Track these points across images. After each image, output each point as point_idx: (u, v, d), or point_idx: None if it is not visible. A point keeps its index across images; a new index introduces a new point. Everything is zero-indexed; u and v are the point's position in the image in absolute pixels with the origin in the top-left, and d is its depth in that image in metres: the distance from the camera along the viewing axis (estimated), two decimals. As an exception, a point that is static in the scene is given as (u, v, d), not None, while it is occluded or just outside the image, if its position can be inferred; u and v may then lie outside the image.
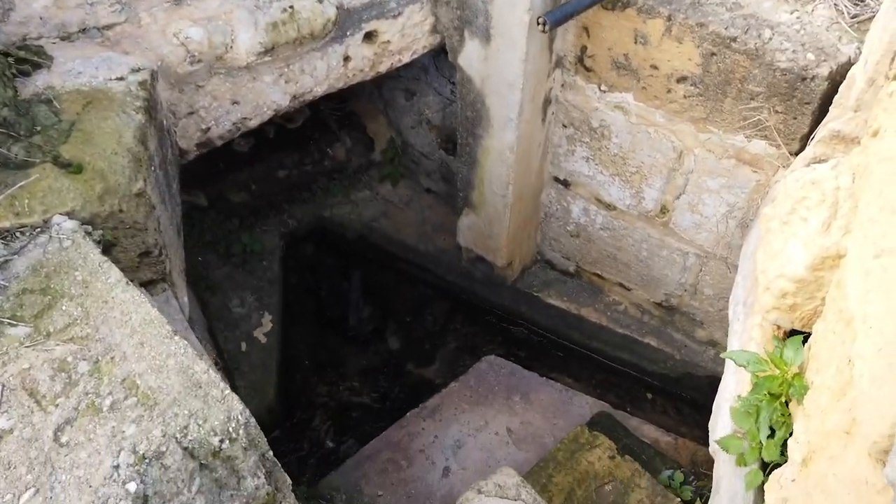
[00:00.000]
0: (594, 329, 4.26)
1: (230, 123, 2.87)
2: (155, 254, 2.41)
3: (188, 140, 2.80)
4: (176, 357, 1.84)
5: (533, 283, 4.40)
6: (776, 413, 2.21)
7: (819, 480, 1.81)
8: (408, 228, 4.70)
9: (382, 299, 4.66)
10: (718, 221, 3.46)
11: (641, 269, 4.02)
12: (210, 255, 4.39)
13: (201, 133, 2.81)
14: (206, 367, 1.84)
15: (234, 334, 4.12)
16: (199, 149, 2.87)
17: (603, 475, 3.14)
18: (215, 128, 2.83)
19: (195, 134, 2.80)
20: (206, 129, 2.82)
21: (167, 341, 1.87)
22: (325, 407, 4.21)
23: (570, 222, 4.10)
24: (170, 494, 1.65)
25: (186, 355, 1.85)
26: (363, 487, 3.58)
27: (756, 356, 2.29)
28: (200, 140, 2.83)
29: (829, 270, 2.37)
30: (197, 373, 1.82)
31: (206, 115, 2.78)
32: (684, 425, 4.19)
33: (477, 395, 3.95)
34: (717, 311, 3.91)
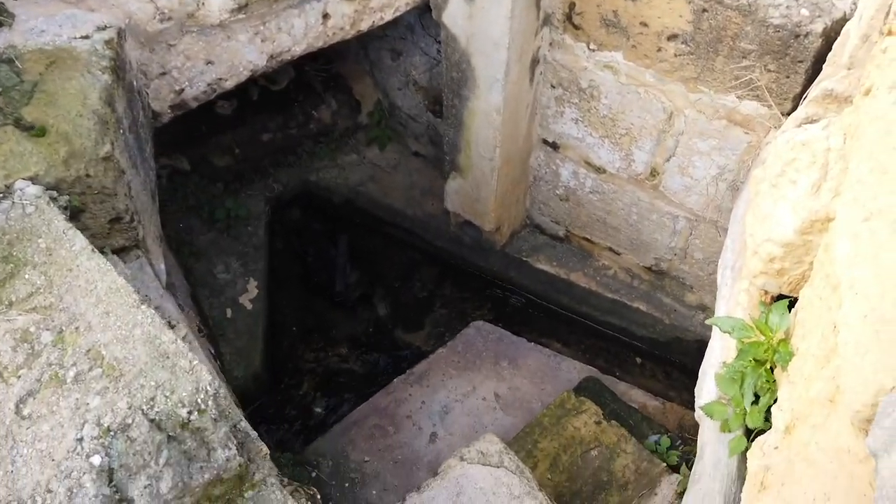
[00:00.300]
0: (583, 294, 4.21)
1: (205, 85, 2.77)
2: (126, 220, 2.35)
3: (161, 102, 2.71)
4: (142, 327, 1.78)
5: (522, 247, 4.35)
6: (761, 379, 2.17)
7: (801, 449, 1.78)
8: (395, 193, 4.62)
9: (370, 265, 4.60)
10: (709, 184, 3.39)
11: (631, 233, 3.97)
12: (194, 220, 4.32)
13: (175, 95, 2.72)
14: (173, 338, 1.78)
15: (220, 300, 4.07)
16: (173, 111, 2.78)
17: (589, 441, 3.13)
18: (189, 89, 2.74)
19: (168, 96, 2.71)
20: (180, 90, 2.73)
21: (133, 311, 1.81)
22: (313, 373, 4.18)
23: (560, 186, 4.03)
24: (136, 467, 1.61)
25: (154, 325, 1.79)
26: (350, 453, 3.57)
27: (741, 322, 2.24)
28: (174, 102, 2.74)
29: (817, 234, 2.31)
30: (164, 343, 1.77)
31: (179, 75, 2.68)
32: (673, 389, 4.18)
33: (464, 360, 3.92)
34: (707, 276, 3.87)
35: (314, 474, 3.49)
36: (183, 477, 1.66)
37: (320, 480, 3.48)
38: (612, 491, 3.00)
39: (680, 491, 2.98)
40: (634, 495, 2.98)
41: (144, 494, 1.60)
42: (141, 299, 1.84)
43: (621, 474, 3.04)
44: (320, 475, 3.50)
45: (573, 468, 3.05)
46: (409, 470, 3.52)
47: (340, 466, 3.53)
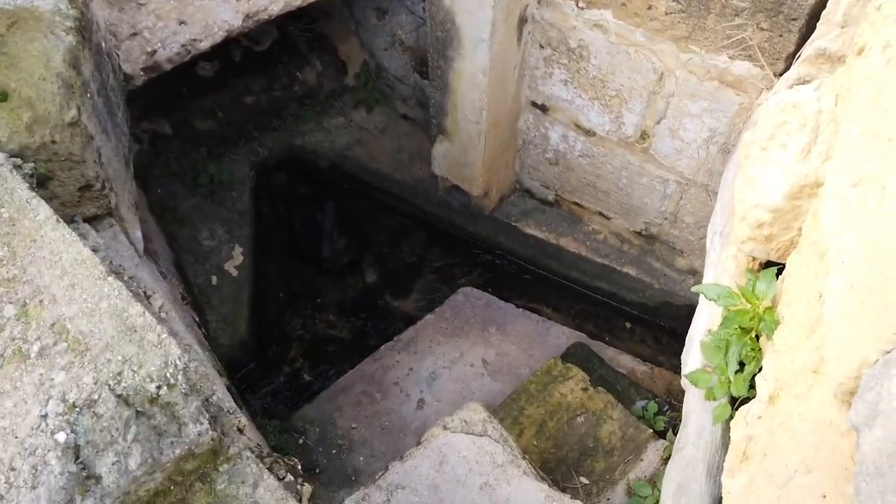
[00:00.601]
0: (573, 259, 4.17)
1: (178, 46, 2.68)
2: (97, 188, 2.28)
3: (133, 64, 2.61)
4: (109, 300, 1.73)
5: (511, 212, 4.28)
6: (746, 348, 2.13)
7: (784, 419, 1.75)
8: (383, 157, 4.54)
9: (358, 230, 4.54)
10: (699, 147, 3.32)
11: (621, 197, 3.90)
12: (177, 185, 4.24)
13: (147, 56, 2.63)
14: (141, 311, 1.73)
15: (204, 267, 4.02)
16: (146, 74, 2.69)
17: (575, 407, 3.11)
18: (162, 50, 2.65)
19: (140, 57, 2.61)
20: (153, 51, 2.63)
21: (100, 283, 1.76)
22: (301, 340, 4.15)
23: (549, 149, 3.95)
24: (103, 444, 1.57)
25: (121, 297, 1.74)
26: (337, 420, 3.56)
27: (727, 290, 2.20)
28: (147, 64, 2.65)
29: (807, 199, 2.26)
30: (132, 316, 1.72)
31: (150, 36, 2.59)
32: (662, 354, 4.17)
33: (452, 326, 3.89)
34: (698, 240, 3.82)
35: (301, 441, 3.49)
36: (153, 453, 1.62)
37: (307, 447, 3.47)
38: (597, 457, 2.99)
39: (666, 457, 2.97)
40: (620, 461, 2.97)
41: (113, 471, 1.57)
42: (108, 271, 1.79)
43: (607, 440, 3.02)
44: (307, 442, 3.49)
45: (559, 435, 3.04)
46: (397, 436, 3.51)
47: (327, 433, 3.52)
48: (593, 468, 2.95)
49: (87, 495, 1.54)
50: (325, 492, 3.35)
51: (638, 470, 2.93)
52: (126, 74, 2.63)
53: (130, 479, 1.59)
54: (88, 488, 1.55)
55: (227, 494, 1.79)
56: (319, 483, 3.37)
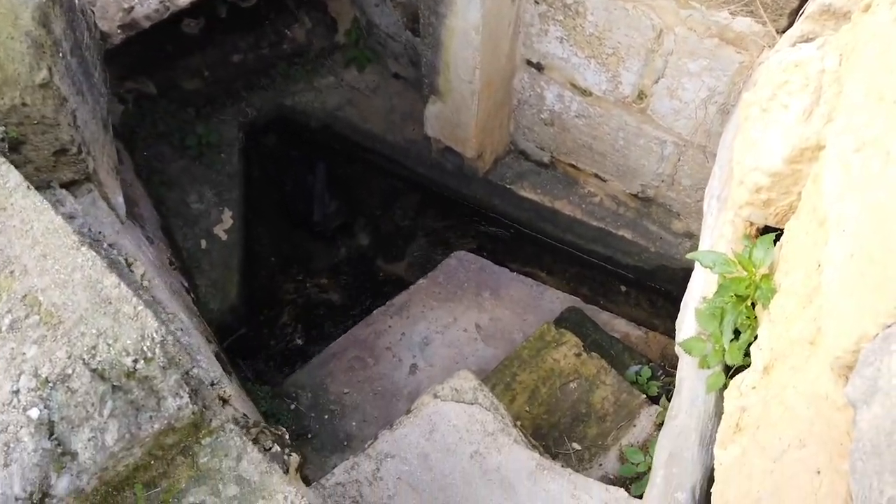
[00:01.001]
0: (568, 222, 4.10)
1: (157, 2, 2.57)
2: (73, 152, 2.20)
3: (109, 22, 2.51)
4: (83, 270, 1.67)
5: (506, 174, 4.20)
6: (741, 316, 2.09)
7: (779, 391, 1.71)
8: (375, 117, 4.44)
9: (349, 193, 4.46)
10: (698, 107, 3.23)
11: (618, 158, 3.82)
12: (164, 147, 4.15)
13: (124, 13, 2.52)
14: (116, 282, 1.67)
15: (193, 231, 3.95)
16: (124, 32, 2.59)
17: (568, 373, 3.08)
18: (140, 7, 2.54)
19: (117, 14, 2.51)
20: (129, 8, 2.53)
21: (73, 253, 1.70)
22: (293, 304, 4.11)
23: (545, 109, 3.86)
24: (79, 420, 1.53)
25: (95, 268, 1.68)
26: (329, 385, 3.54)
27: (723, 257, 2.14)
28: (124, 21, 2.54)
29: (807, 163, 2.19)
30: (106, 287, 1.66)
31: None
32: (657, 317, 4.13)
33: (445, 291, 3.84)
34: (695, 203, 3.75)
35: (293, 406, 3.47)
36: (130, 428, 1.58)
37: (299, 412, 3.45)
38: (590, 423, 2.97)
39: (659, 423, 2.95)
40: (613, 427, 2.96)
41: (89, 447, 1.53)
42: (81, 240, 1.72)
43: (600, 406, 3.00)
44: (299, 407, 3.47)
45: (552, 400, 3.02)
46: (389, 401, 3.49)
47: (319, 398, 3.50)
48: (586, 434, 2.94)
49: (63, 472, 1.50)
50: (317, 457, 3.34)
51: (630, 436, 2.92)
52: (102, 33, 2.52)
53: (108, 455, 1.55)
54: (64, 465, 1.51)
55: (209, 468, 1.75)
56: (311, 448, 3.36)
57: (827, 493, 1.42)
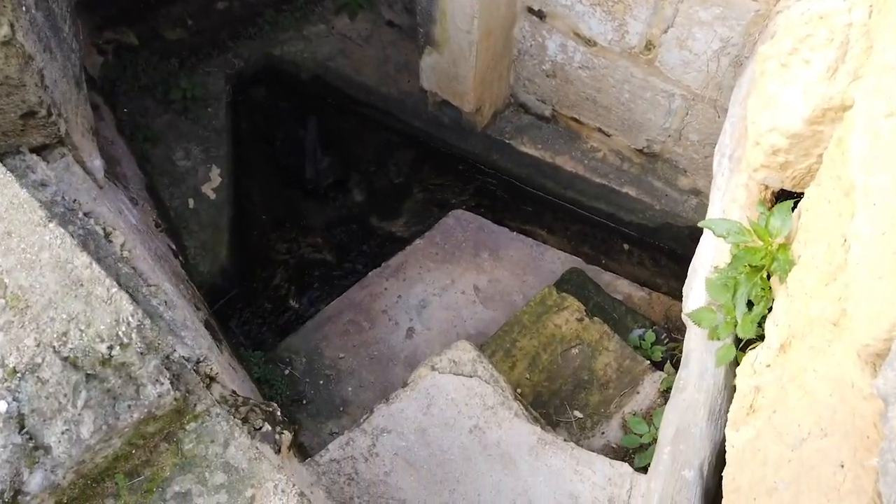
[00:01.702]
0: (570, 178, 3.96)
1: (129, -51, 2.37)
2: (42, 114, 2.05)
3: (78, -30, 2.32)
4: (51, 250, 1.55)
5: (505, 128, 4.04)
6: (756, 288, 1.97)
7: (797, 373, 1.61)
8: (368, 68, 4.25)
9: (343, 148, 4.29)
10: (709, 59, 3.06)
11: (623, 112, 3.66)
12: (147, 101, 3.97)
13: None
14: (87, 261, 1.55)
15: (180, 190, 3.81)
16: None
17: (570, 338, 2.99)
18: (111, -46, 2.35)
19: (86, -37, 2.32)
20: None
21: (40, 230, 1.57)
22: (285, 265, 3.99)
23: (546, 60, 3.67)
24: (51, 412, 1.43)
25: (64, 247, 1.56)
26: (324, 350, 3.45)
27: (737, 225, 2.02)
28: (94, -30, 2.35)
29: (830, 124, 2.05)
30: (77, 268, 1.54)
31: (95, -62, 2.28)
32: (661, 276, 4.03)
33: (443, 252, 3.72)
34: (703, 159, 3.61)
35: (287, 372, 3.39)
36: (107, 419, 1.48)
37: (293, 378, 3.38)
38: (592, 390, 2.89)
39: (663, 389, 2.87)
40: (616, 394, 2.88)
41: (63, 440, 1.43)
42: (49, 216, 1.59)
43: (602, 373, 2.92)
44: (293, 372, 3.39)
45: (553, 367, 2.93)
46: (386, 366, 3.41)
47: (314, 363, 3.42)
48: (588, 401, 2.86)
49: (36, 468, 1.41)
50: (312, 423, 3.27)
51: (634, 403, 2.84)
52: (71, -19, 2.34)
53: (84, 448, 1.45)
54: (37, 460, 1.41)
55: (195, 455, 1.66)
56: (307, 414, 3.29)
57: (851, 489, 1.33)
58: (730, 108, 2.86)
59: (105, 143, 3.41)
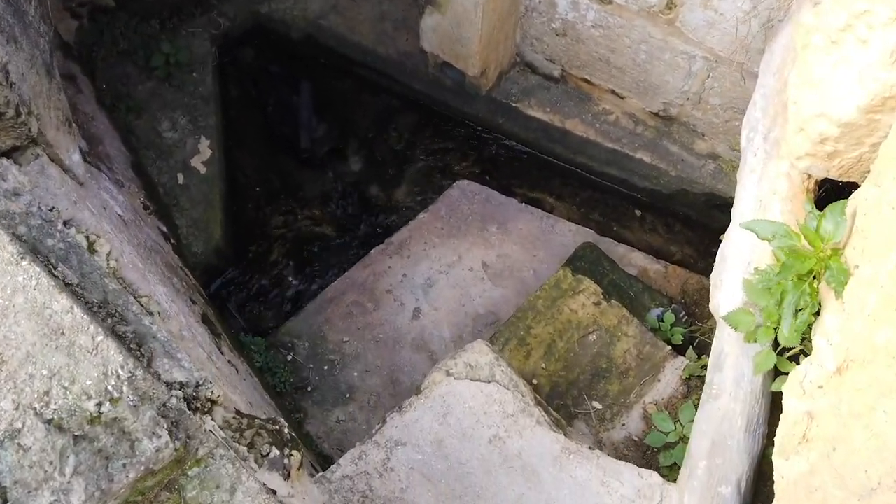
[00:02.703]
0: (580, 143, 3.75)
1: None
2: (10, 115, 1.83)
3: (41, -58, 2.06)
4: (26, 293, 1.36)
5: (511, 90, 3.80)
6: (804, 295, 1.81)
7: (863, 411, 1.46)
8: (363, 27, 3.96)
9: (339, 113, 4.05)
10: (739, 21, 2.82)
11: (638, 74, 3.43)
12: (128, 67, 3.70)
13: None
14: (68, 305, 1.37)
15: (168, 164, 3.58)
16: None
17: (587, 324, 2.84)
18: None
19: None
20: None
21: (12, 269, 1.38)
22: (282, 240, 3.80)
23: (556, 18, 3.41)
24: (35, 482, 1.27)
25: (40, 288, 1.37)
26: (326, 333, 3.30)
27: (784, 228, 1.84)
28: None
29: (889, 113, 1.85)
30: (57, 314, 1.36)
31: None
32: (674, 243, 3.87)
33: (448, 226, 3.53)
34: (724, 123, 3.40)
35: (289, 357, 3.25)
36: (100, 483, 1.33)
37: (296, 364, 3.24)
38: (611, 379, 2.76)
39: (686, 377, 2.75)
40: (636, 382, 2.75)
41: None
42: (22, 251, 1.40)
43: (622, 360, 2.79)
44: (296, 358, 3.25)
45: (569, 355, 2.79)
46: (392, 349, 3.27)
47: (318, 348, 3.28)
48: (607, 391, 2.74)
49: (23, 545, 1.26)
50: (318, 410, 3.15)
51: (655, 392, 2.72)
52: (33, -45, 2.07)
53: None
54: (24, 536, 1.26)
55: (199, 503, 1.52)
56: (312, 402, 3.17)
57: (933, 557, 1.20)
58: (760, 76, 2.64)
59: (85, 119, 3.17)
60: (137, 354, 1.81)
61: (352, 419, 3.14)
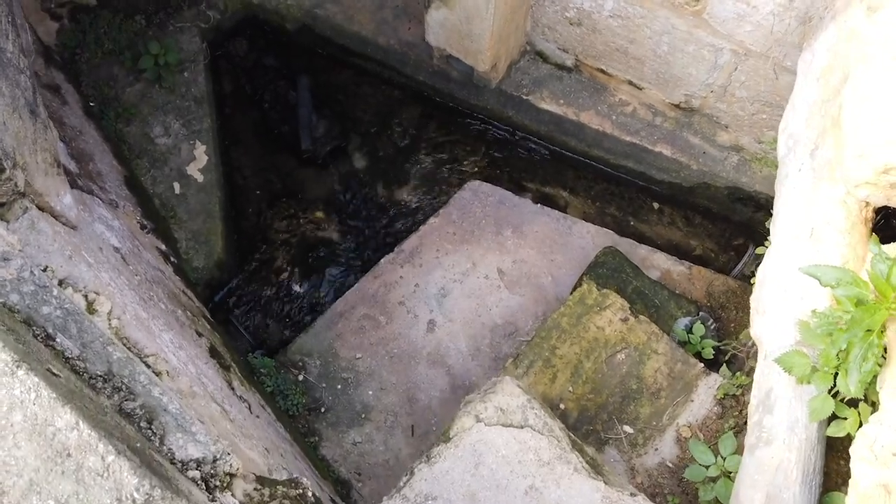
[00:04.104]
0: (595, 136, 3.56)
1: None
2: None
3: (14, -35, 1.84)
4: (24, 409, 1.21)
5: (522, 81, 3.59)
6: (871, 348, 1.67)
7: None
8: (362, 14, 3.73)
9: (339, 107, 3.83)
10: (775, 16, 2.62)
11: (658, 65, 3.23)
12: (114, 68, 3.47)
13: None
14: (73, 420, 1.22)
15: (163, 173, 3.39)
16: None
17: (615, 342, 2.71)
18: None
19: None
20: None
21: (7, 381, 1.22)
22: (286, 245, 3.63)
23: (571, 7, 3.20)
24: None
25: (41, 402, 1.22)
26: (338, 350, 3.16)
27: (850, 275, 1.69)
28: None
29: (966, 146, 1.69)
30: (61, 431, 1.21)
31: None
32: (695, 237, 3.72)
33: (461, 231, 3.36)
34: (750, 116, 3.22)
35: (301, 377, 3.11)
36: None
37: (308, 383, 3.11)
38: (642, 400, 2.64)
39: (720, 396, 2.62)
40: (668, 403, 2.63)
41: None
42: (18, 359, 1.24)
43: (652, 380, 2.66)
44: (308, 377, 3.12)
45: (598, 377, 2.66)
46: (407, 364, 3.14)
47: (330, 366, 3.14)
48: (638, 413, 2.62)
49: None
50: (333, 432, 3.03)
51: (688, 413, 2.60)
52: (6, -19, 1.86)
53: None
54: None
55: None
56: (326, 423, 3.04)
57: None
58: (799, 76, 2.46)
59: (73, 134, 2.96)
60: (149, 433, 1.68)
61: (368, 440, 3.02)
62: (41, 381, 1.23)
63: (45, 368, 1.32)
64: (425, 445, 3.02)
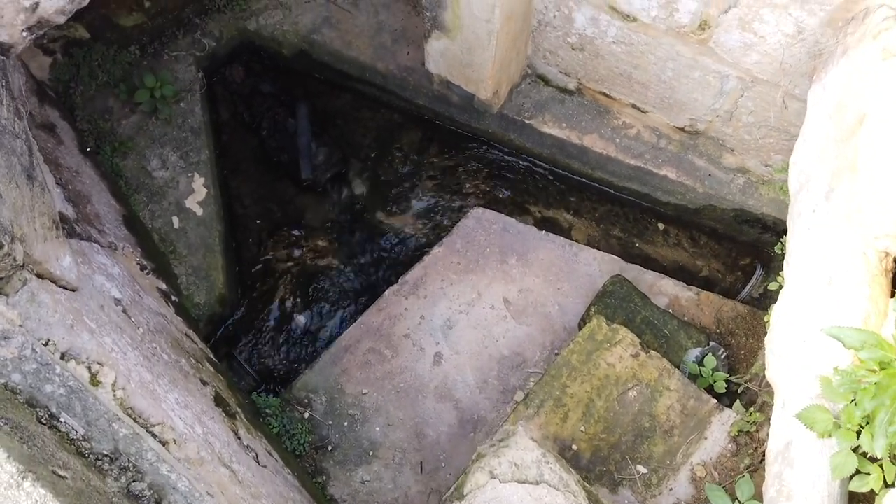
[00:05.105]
0: (599, 159, 3.52)
1: (70, -14, 1.84)
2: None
3: (9, 28, 1.79)
4: (32, 524, 1.16)
5: (523, 105, 3.54)
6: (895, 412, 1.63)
7: None
8: (360, 40, 3.67)
9: (338, 132, 3.78)
10: (783, 46, 2.57)
11: (663, 90, 3.18)
12: (110, 101, 3.42)
13: (27, 13, 1.80)
14: (84, 535, 1.17)
15: (161, 207, 3.34)
16: (32, 32, 1.87)
17: (626, 379, 2.67)
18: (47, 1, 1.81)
19: (17, 17, 1.79)
20: (34, 4, 1.80)
21: (13, 494, 1.18)
22: (288, 275, 3.58)
23: (573, 33, 3.15)
24: None
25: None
26: (344, 386, 3.12)
27: (874, 338, 1.65)
28: (29, 23, 1.82)
29: None
30: (71, 547, 1.16)
31: (23, -15, 1.74)
32: (700, 258, 3.68)
33: (465, 260, 3.32)
34: (756, 140, 3.17)
35: (307, 415, 3.07)
36: None
37: (314, 421, 3.06)
38: (655, 439, 2.60)
39: (734, 434, 2.59)
40: (682, 441, 2.60)
41: None
42: (23, 470, 1.19)
43: (665, 417, 2.62)
44: (313, 415, 3.07)
45: (609, 415, 2.63)
46: (415, 399, 3.10)
47: (336, 402, 3.10)
48: (651, 453, 2.58)
49: None
50: (341, 471, 2.99)
51: (702, 451, 2.57)
52: (3, 44, 1.80)
53: None
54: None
55: None
56: (333, 462, 3.00)
57: None
58: (810, 109, 2.42)
59: (69, 175, 2.90)
60: (159, 516, 1.63)
61: (377, 479, 2.98)
62: (48, 493, 1.19)
63: (50, 471, 1.28)
64: (434, 483, 2.98)
